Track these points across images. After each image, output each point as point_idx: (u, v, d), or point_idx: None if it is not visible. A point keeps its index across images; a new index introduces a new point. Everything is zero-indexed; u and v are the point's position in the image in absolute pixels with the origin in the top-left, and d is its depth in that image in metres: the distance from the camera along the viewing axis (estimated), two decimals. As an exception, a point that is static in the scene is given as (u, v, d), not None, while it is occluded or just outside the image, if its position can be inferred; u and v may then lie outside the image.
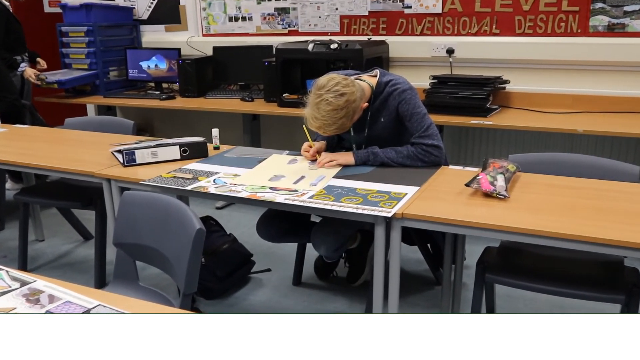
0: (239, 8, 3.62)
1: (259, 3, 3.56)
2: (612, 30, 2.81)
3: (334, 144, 2.18)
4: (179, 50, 3.67)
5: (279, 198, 1.70)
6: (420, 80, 3.04)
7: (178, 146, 2.16)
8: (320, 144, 2.11)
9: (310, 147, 2.07)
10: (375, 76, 2.02)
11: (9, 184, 3.75)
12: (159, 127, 4.18)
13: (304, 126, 2.04)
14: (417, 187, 1.77)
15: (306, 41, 3.06)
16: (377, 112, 2.01)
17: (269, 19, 3.55)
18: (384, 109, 2.00)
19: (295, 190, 1.77)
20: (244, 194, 1.74)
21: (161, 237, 1.50)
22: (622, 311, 1.63)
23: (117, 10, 3.83)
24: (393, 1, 3.20)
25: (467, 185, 1.71)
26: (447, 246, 2.08)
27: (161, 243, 1.50)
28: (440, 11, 3.11)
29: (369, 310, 2.07)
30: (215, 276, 2.39)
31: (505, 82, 2.98)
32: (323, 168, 1.98)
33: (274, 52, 3.15)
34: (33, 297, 1.12)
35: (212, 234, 2.51)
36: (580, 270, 1.74)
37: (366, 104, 1.94)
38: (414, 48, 3.18)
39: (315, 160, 2.04)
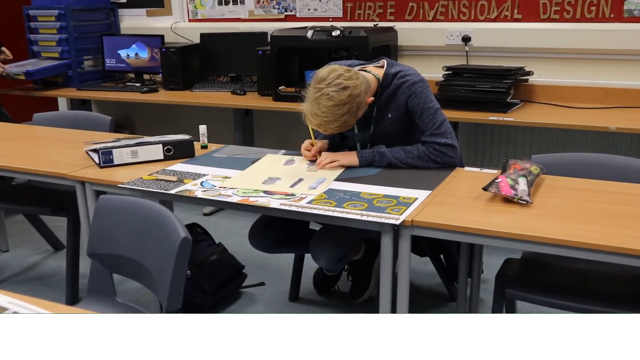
0: (230, -10, 3.64)
1: (251, -16, 3.58)
2: (649, 16, 2.82)
3: (336, 143, 2.18)
4: (162, 37, 3.68)
5: (274, 203, 1.71)
6: (433, 72, 3.04)
7: (161, 145, 2.16)
8: (322, 142, 2.12)
9: (312, 145, 2.09)
10: (382, 67, 2.03)
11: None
12: (139, 123, 4.18)
13: (308, 125, 2.05)
14: (429, 192, 1.77)
15: (305, 28, 3.07)
16: (384, 108, 2.02)
17: (263, 3, 3.56)
18: (391, 104, 2.00)
19: (293, 195, 1.77)
20: (234, 199, 1.75)
21: (141, 247, 1.50)
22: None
23: (92, -8, 3.84)
24: (402, -17, 3.23)
25: (485, 189, 1.72)
26: (463, 258, 2.08)
27: (141, 254, 1.50)
28: (455, -6, 3.12)
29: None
30: (202, 291, 2.39)
31: (528, 73, 2.99)
32: (323, 170, 1.99)
33: (269, 40, 3.16)
34: (-4, 315, 1.12)
35: (199, 244, 2.51)
36: (614, 286, 1.73)
37: (372, 99, 1.95)
38: (425, 35, 3.19)
39: (315, 161, 2.05)
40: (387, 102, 2.01)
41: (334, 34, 2.91)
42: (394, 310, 1.69)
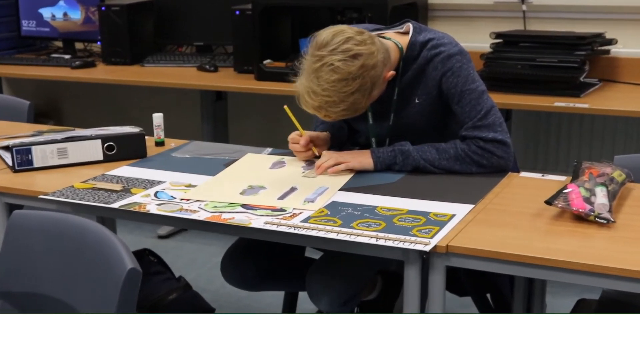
0: None
1: None
2: None
3: (343, 138, 2.17)
4: (101, -9, 3.70)
5: (257, 222, 1.70)
6: (477, 40, 3.06)
7: (100, 141, 2.15)
8: (323, 135, 2.12)
9: (300, 136, 2.09)
10: (407, 33, 2.03)
11: None
12: (69, 110, 4.20)
13: (285, 107, 2.03)
14: (471, 206, 1.77)
15: (299, -22, 3.10)
16: (408, 89, 2.01)
17: (241, -56, 3.57)
18: (419, 85, 2.00)
19: (282, 210, 1.77)
20: (202, 215, 1.75)
21: (71, 282, 1.49)
22: None
23: None
24: None
25: (549, 202, 1.71)
26: (518, 298, 2.07)
27: (71, 291, 1.49)
28: None
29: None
30: (155, 344, 2.39)
31: (610, 42, 3.00)
32: (325, 175, 1.99)
33: (250, -4, 3.19)
34: None
35: (153, 278, 2.50)
36: None
37: (392, 73, 1.94)
38: (466, -10, 3.23)
39: (313, 162, 2.05)
40: (413, 81, 2.01)
41: (339, -13, 2.94)
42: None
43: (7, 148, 2.12)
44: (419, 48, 1.99)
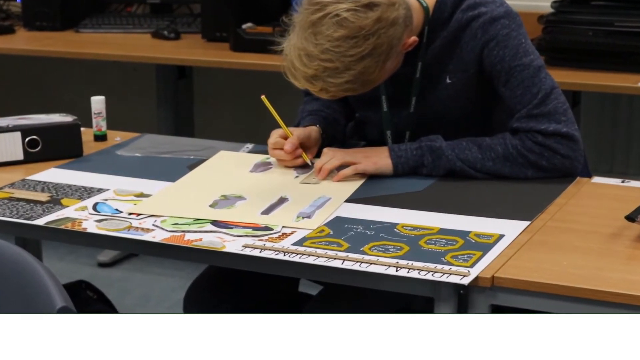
0: None
1: None
2: None
3: (338, 136, 2.19)
4: None
5: (233, 244, 1.71)
6: (531, -1, 3.08)
7: (19, 133, 2.16)
8: (315, 132, 2.12)
9: (285, 138, 2.08)
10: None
11: None
12: (-23, 92, 4.21)
13: (262, 97, 2.05)
14: (526, 223, 1.78)
15: None
16: (436, 64, 2.03)
17: None
18: (451, 58, 2.03)
19: (267, 229, 1.78)
20: (158, 236, 1.75)
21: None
22: None
23: None
24: None
25: (632, 218, 1.72)
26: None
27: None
28: None
29: None
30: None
31: None
32: (327, 181, 2.00)
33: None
34: None
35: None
36: None
37: (414, 39, 1.95)
38: None
39: (307, 165, 2.07)
40: (443, 54, 2.03)
41: None
42: None
43: None
44: (451, 8, 2.00)
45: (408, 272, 1.59)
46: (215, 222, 1.81)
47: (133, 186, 2.00)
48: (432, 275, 1.58)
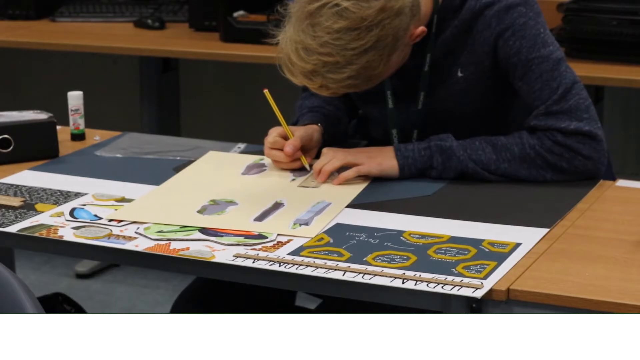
0: None
1: None
2: None
3: (339, 136, 2.20)
4: None
5: (222, 254, 1.71)
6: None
7: (-10, 133, 2.17)
8: (317, 133, 2.12)
9: (286, 138, 2.07)
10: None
11: None
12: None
13: (265, 91, 2.05)
14: (544, 230, 1.78)
15: None
16: (446, 56, 2.05)
17: None
18: (462, 49, 2.04)
19: (261, 237, 1.78)
20: (141, 245, 1.76)
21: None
22: None
23: None
24: None
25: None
26: None
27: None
28: None
29: None
30: None
31: None
32: (325, 184, 2.02)
33: None
34: None
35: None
36: None
37: (422, 29, 1.94)
38: None
39: (304, 169, 2.09)
40: (454, 45, 2.04)
41: None
42: None
43: None
44: (463, -3, 2.01)
45: (415, 285, 1.59)
46: (203, 230, 1.82)
47: (114, 190, 2.02)
48: (442, 287, 1.58)
